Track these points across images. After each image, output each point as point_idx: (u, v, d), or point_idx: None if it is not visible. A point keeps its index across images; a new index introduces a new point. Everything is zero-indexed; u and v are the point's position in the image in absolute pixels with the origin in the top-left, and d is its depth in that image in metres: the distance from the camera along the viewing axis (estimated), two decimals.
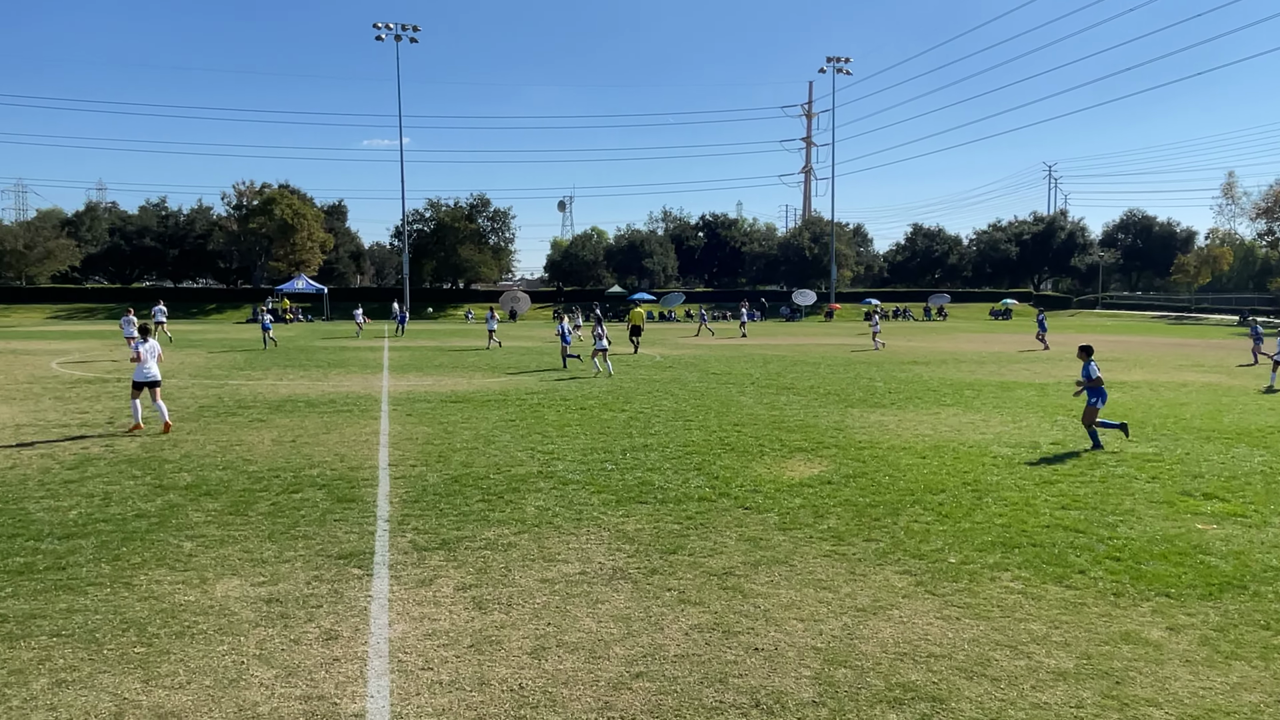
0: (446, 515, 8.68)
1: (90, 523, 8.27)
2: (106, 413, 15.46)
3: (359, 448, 12.30)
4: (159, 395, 13.87)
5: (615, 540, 7.89)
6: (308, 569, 7.06)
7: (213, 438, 12.96)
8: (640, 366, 26.36)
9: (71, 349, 32.75)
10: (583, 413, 15.81)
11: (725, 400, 17.79)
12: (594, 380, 21.80)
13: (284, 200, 79.46)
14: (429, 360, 28.31)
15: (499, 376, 22.85)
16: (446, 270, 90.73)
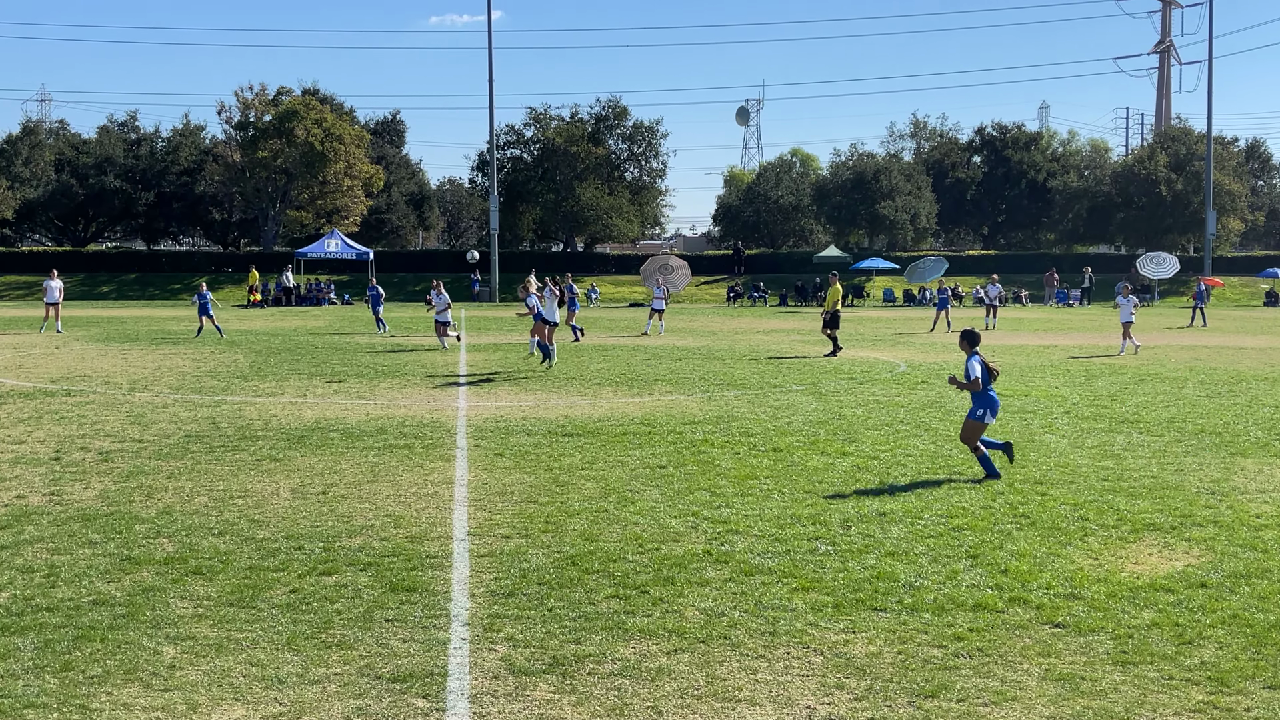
0: (559, 618, 8.82)
1: (29, 612, 8.89)
2: (52, 442, 16.65)
3: (422, 506, 12.69)
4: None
5: (833, 670, 7.80)
6: (346, 696, 7.34)
7: (204, 485, 13.70)
8: (870, 381, 26.09)
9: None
10: (777, 456, 15.77)
11: (1018, 439, 17.34)
12: (794, 405, 21.75)
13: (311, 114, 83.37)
14: (528, 366, 28.99)
15: (640, 394, 23.14)
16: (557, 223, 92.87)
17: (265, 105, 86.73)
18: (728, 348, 36.55)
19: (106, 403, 21.30)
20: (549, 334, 28.66)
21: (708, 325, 49.43)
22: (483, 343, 37.86)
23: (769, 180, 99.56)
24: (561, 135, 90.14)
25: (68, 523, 11.78)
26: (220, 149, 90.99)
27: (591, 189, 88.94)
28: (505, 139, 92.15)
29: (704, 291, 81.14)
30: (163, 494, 13.23)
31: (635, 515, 12.20)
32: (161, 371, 27.30)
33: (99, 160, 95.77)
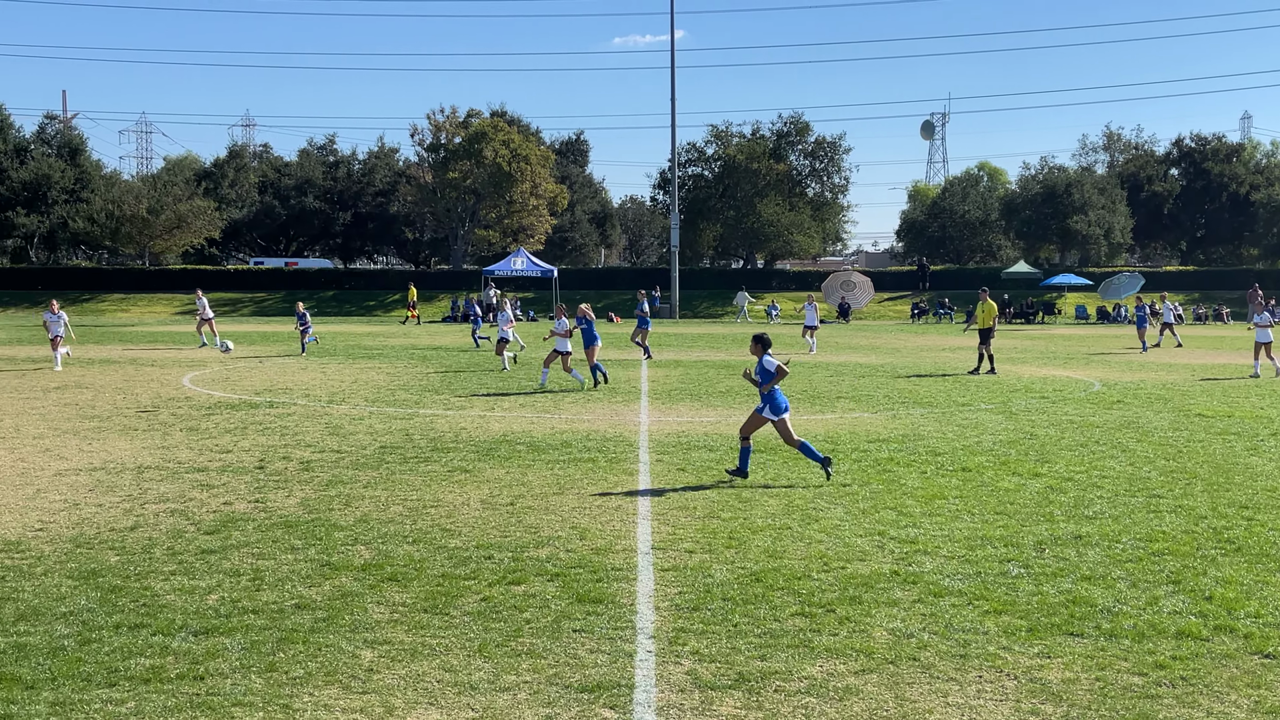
0: (744, 634, 8.80)
1: (236, 614, 9.28)
2: (256, 451, 17.34)
3: (607, 519, 12.83)
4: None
5: (1027, 696, 7.61)
6: (535, 704, 7.45)
7: (399, 495, 14.11)
8: (1062, 400, 25.40)
9: (208, 359, 37.15)
10: (966, 476, 15.48)
11: (1222, 462, 16.66)
12: (983, 424, 21.31)
13: (499, 136, 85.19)
14: (709, 382, 29.04)
15: (823, 411, 22.97)
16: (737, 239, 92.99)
17: (456, 127, 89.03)
18: (912, 365, 36.02)
19: (307, 414, 22.09)
20: (591, 354, 28.33)
21: (891, 342, 48.78)
22: (664, 359, 38.08)
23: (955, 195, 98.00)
24: (743, 152, 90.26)
25: (271, 529, 12.25)
26: (413, 170, 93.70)
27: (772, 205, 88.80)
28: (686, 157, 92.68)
29: (887, 308, 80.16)
30: (360, 502, 13.65)
31: (819, 533, 12.11)
32: (358, 385, 28.18)
33: (299, 182, 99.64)
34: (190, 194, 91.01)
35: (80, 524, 12.46)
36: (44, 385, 27.24)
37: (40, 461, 16.50)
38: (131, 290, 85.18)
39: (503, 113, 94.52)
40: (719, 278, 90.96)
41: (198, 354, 38.97)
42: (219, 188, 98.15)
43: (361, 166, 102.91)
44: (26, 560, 10.90)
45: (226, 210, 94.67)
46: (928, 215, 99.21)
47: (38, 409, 22.61)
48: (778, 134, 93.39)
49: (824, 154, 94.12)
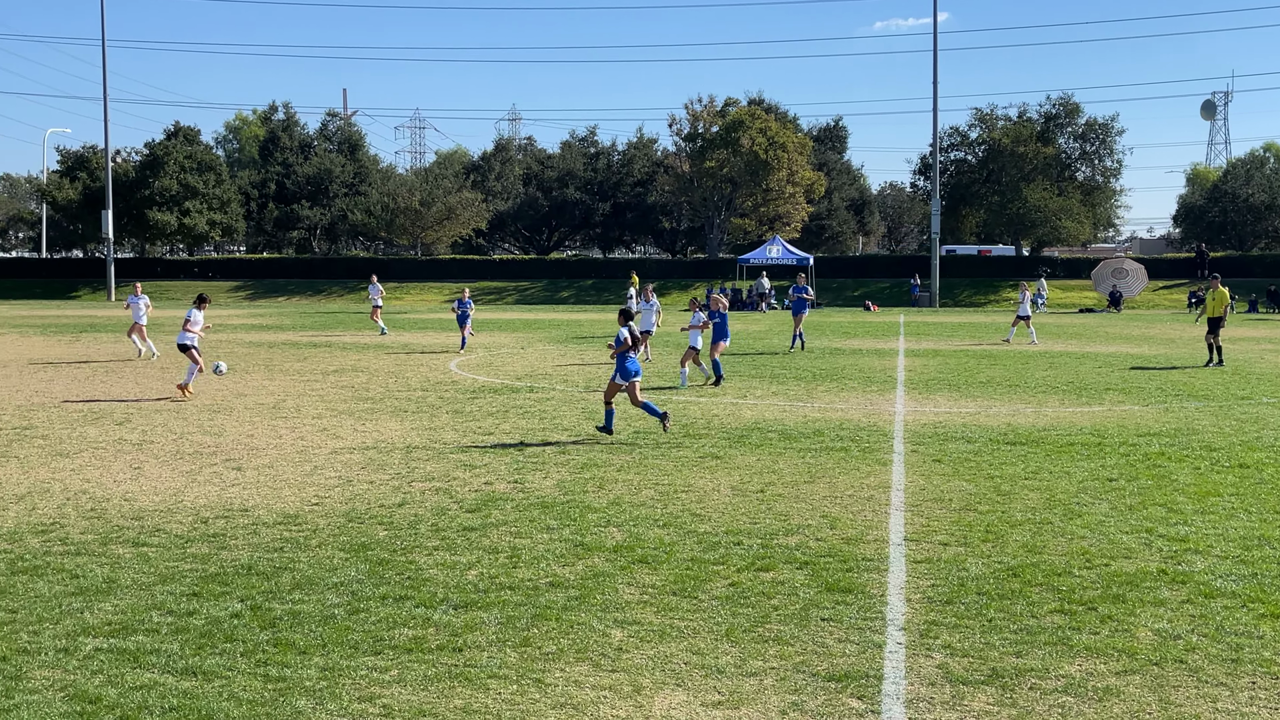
0: (999, 630, 8.58)
1: (493, 589, 9.59)
2: (516, 434, 17.87)
3: (858, 509, 12.70)
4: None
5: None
6: (782, 691, 7.44)
7: (650, 479, 14.30)
8: None
9: (474, 345, 38.47)
10: (1244, 473, 14.68)
11: None
12: (1265, 418, 20.14)
13: (756, 123, 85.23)
14: (969, 372, 28.35)
15: (1088, 404, 22.14)
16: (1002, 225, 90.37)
17: (713, 116, 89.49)
18: (1188, 356, 34.32)
19: (564, 400, 22.62)
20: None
21: (1165, 333, 46.56)
22: (921, 348, 37.38)
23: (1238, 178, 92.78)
24: (1008, 135, 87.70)
25: (528, 509, 12.60)
26: (670, 160, 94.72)
27: (1039, 190, 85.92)
28: (948, 141, 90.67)
29: (1161, 297, 76.55)
30: (613, 485, 13.90)
31: (1082, 529, 11.68)
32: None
33: (561, 173, 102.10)
34: (459, 186, 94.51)
35: (352, 500, 13.11)
36: (323, 368, 28.72)
37: (318, 440, 17.41)
38: (404, 279, 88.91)
39: (760, 100, 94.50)
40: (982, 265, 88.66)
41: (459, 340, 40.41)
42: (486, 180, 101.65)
43: (621, 157, 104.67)
44: (303, 533, 11.53)
45: (493, 202, 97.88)
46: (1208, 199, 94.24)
47: (317, 391, 23.87)
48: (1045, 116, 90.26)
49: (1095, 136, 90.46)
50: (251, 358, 32.15)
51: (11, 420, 19.38)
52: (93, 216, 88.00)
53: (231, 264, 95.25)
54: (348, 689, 7.39)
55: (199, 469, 15.02)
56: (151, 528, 11.70)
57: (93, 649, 8.08)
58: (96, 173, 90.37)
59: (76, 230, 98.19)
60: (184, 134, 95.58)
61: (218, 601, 9.18)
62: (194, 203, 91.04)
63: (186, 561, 10.42)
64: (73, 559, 10.48)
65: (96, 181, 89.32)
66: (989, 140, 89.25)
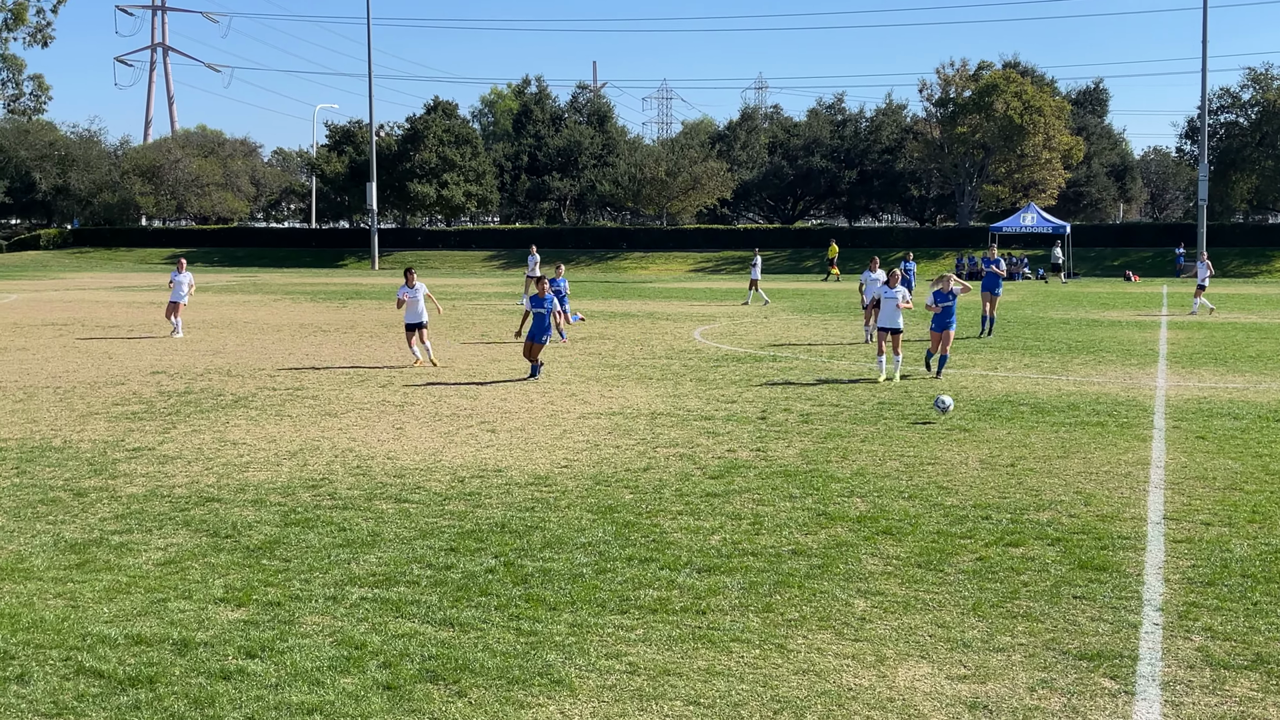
0: (1265, 614, 8.18)
1: (736, 555, 9.67)
2: (759, 403, 17.91)
3: (1114, 485, 12.27)
4: (425, 336, 22.74)
5: None
6: (1030, 667, 7.28)
7: (895, 450, 14.14)
8: None
9: (716, 314, 38.67)
10: None
11: None
12: None
13: (1011, 87, 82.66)
14: (1237, 346, 26.93)
15: None
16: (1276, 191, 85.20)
17: (965, 81, 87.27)
18: None
19: (807, 368, 22.54)
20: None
21: None
22: (1185, 320, 35.68)
23: None
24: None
25: (771, 477, 12.63)
26: (920, 126, 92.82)
27: None
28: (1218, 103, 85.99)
29: None
30: (857, 456, 13.80)
31: None
32: (857, 343, 28.37)
33: (807, 142, 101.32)
34: (705, 156, 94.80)
35: (600, 463, 13.40)
36: (572, 335, 29.36)
37: (566, 405, 17.84)
38: (650, 249, 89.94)
39: (1015, 63, 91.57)
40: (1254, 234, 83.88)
41: (707, 309, 40.63)
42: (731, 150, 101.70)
43: (869, 124, 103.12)
44: (553, 493, 11.87)
45: (738, 171, 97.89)
46: None
47: (566, 357, 24.43)
48: None
49: None
50: (505, 324, 33.11)
51: (285, 381, 20.52)
52: (358, 189, 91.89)
53: (486, 234, 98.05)
54: (595, 645, 7.59)
55: (456, 430, 15.60)
56: (412, 485, 12.24)
57: (358, 598, 8.53)
58: (361, 146, 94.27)
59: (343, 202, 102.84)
60: (443, 108, 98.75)
61: (473, 557, 9.55)
62: (451, 175, 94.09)
63: (444, 518, 10.87)
64: (340, 513, 11.06)
65: (361, 155, 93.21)
66: (1263, 101, 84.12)
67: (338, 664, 7.25)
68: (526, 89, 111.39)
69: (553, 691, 6.86)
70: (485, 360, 23.85)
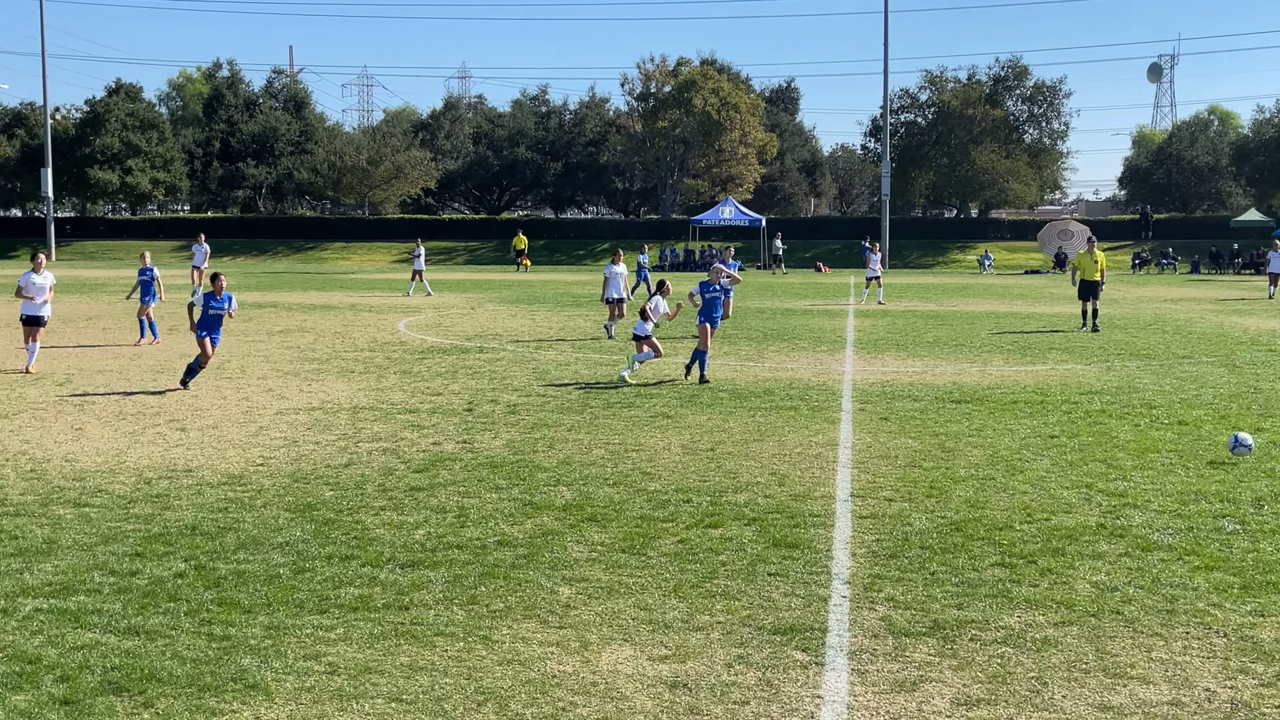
0: (942, 583, 8.70)
1: (441, 548, 9.61)
2: (465, 395, 17.84)
3: (806, 466, 12.81)
4: (38, 336, 20.53)
5: (1237, 654, 7.33)
6: (728, 644, 7.52)
7: (601, 439, 14.34)
8: None
9: (423, 305, 38.30)
10: (1182, 430, 14.93)
11: None
12: (1204, 377, 20.44)
13: (708, 84, 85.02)
14: (917, 332, 28.59)
15: (1033, 363, 22.40)
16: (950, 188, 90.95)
17: (665, 76, 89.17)
18: (1131, 316, 34.80)
19: (515, 359, 22.61)
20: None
21: (1109, 294, 47.05)
22: (870, 309, 37.63)
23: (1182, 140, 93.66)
24: (957, 98, 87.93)
25: (477, 469, 12.61)
26: (622, 120, 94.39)
27: (987, 152, 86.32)
28: (899, 103, 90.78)
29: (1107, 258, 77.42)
30: (563, 445, 13.93)
31: (1024, 484, 11.86)
32: (566, 330, 28.66)
33: (512, 132, 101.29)
34: (408, 145, 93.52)
35: (298, 460, 13.07)
36: (269, 329, 28.49)
37: (263, 401, 17.31)
38: (352, 239, 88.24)
39: (713, 61, 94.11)
40: (931, 227, 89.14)
41: (411, 301, 40.21)
42: (435, 139, 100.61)
43: (573, 117, 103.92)
44: (248, 493, 11.49)
45: (442, 161, 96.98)
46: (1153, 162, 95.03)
47: (262, 351, 23.69)
48: (994, 79, 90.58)
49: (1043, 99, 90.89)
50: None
51: None
52: (31, 175, 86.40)
53: (176, 223, 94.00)
54: (293, 647, 7.40)
55: (142, 430, 14.90)
56: (93, 488, 11.62)
57: (32, 609, 8.04)
58: (35, 130, 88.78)
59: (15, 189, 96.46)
60: (126, 91, 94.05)
61: (161, 561, 9.15)
62: (136, 161, 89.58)
63: (129, 522, 10.37)
64: (11, 520, 10.40)
65: (35, 139, 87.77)
66: (938, 103, 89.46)
67: (9, 680, 6.82)
68: (218, 73, 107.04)
69: (247, 696, 6.65)
70: (175, 355, 22.86)
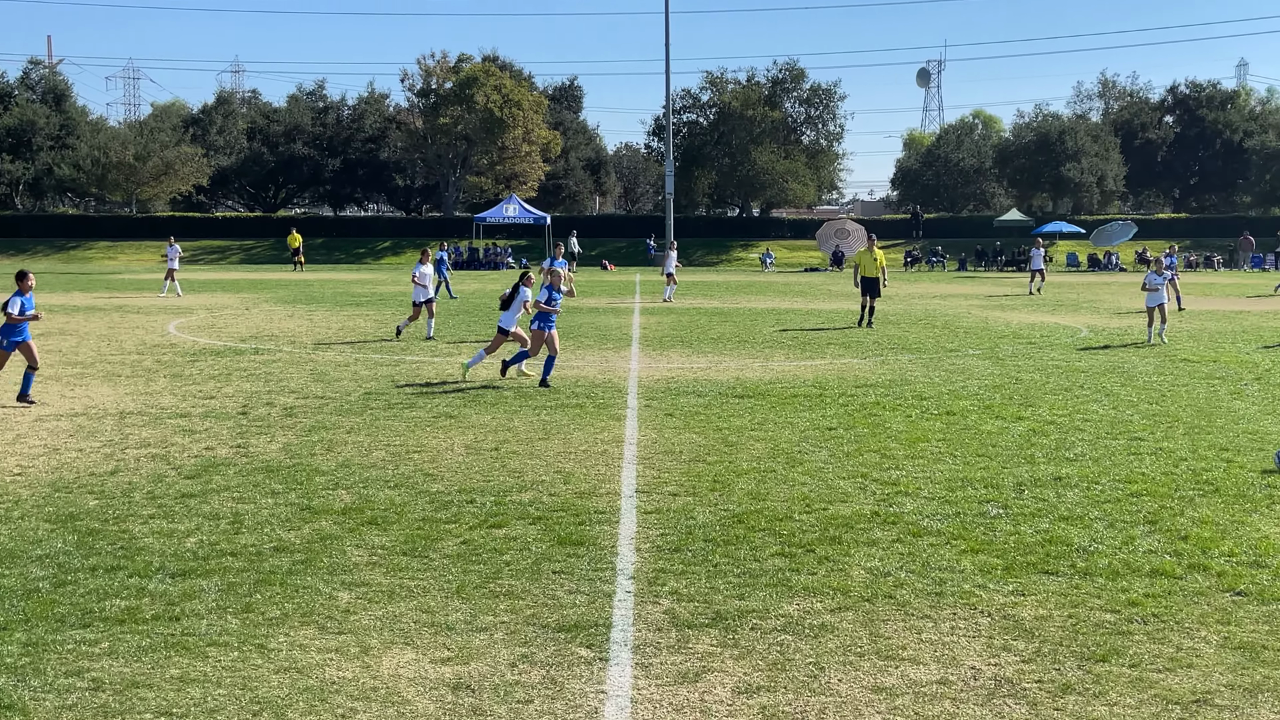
0: (724, 574, 8.84)
1: (214, 556, 9.29)
2: (239, 398, 17.32)
3: (592, 463, 12.84)
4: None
5: (1000, 632, 7.67)
6: (512, 644, 7.47)
7: (381, 440, 14.10)
8: (1049, 346, 25.44)
9: (195, 306, 37.05)
10: (950, 420, 15.53)
11: (1205, 406, 16.74)
12: (970, 369, 21.33)
13: (490, 80, 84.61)
14: (701, 329, 29.04)
15: (812, 358, 23.00)
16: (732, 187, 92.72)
17: (447, 72, 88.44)
18: (903, 312, 36.07)
19: (292, 361, 22.07)
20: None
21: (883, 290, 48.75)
22: (656, 305, 38.04)
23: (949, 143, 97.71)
24: (738, 99, 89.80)
25: (252, 473, 12.25)
26: (403, 116, 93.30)
27: (767, 153, 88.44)
28: (681, 103, 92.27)
29: None
30: (342, 448, 13.65)
31: (803, 476, 12.15)
32: (344, 331, 28.13)
33: (288, 128, 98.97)
34: (178, 141, 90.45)
35: (59, 469, 12.46)
36: None
37: (20, 407, 16.47)
38: (119, 238, 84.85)
39: (495, 58, 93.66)
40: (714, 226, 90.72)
41: (182, 302, 38.88)
42: (207, 134, 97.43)
43: (351, 112, 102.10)
44: (3, 505, 10.90)
45: (214, 157, 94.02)
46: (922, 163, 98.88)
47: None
48: (773, 81, 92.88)
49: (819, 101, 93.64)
50: None
51: None
52: None
53: None
54: (53, 664, 7.05)
55: None
56: None
57: None
58: None
59: None
60: None
61: None
62: None
63: None
64: None
65: None
66: (719, 103, 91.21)
67: None
68: None
69: (2, 717, 6.30)
70: None
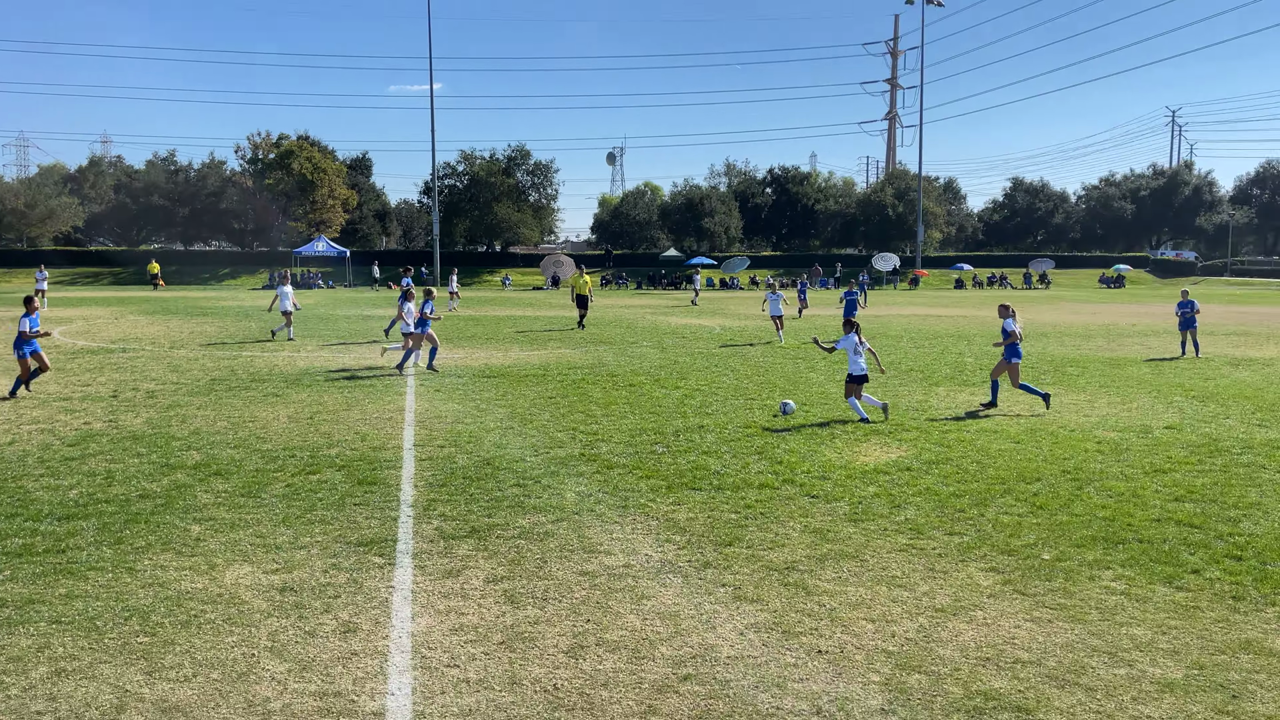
0: (477, 501, 8.81)
1: (92, 503, 8.58)
2: (110, 385, 15.96)
3: (382, 426, 12.53)
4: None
5: (665, 530, 7.94)
6: (325, 556, 7.24)
7: (224, 414, 13.32)
8: (696, 339, 26.34)
9: (74, 316, 33.78)
10: (632, 390, 15.88)
11: (792, 376, 17.70)
12: (645, 355, 21.84)
13: (303, 153, 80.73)
14: (460, 330, 28.64)
15: (539, 349, 23.05)
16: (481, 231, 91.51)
17: (270, 146, 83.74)
18: (601, 318, 36.55)
19: (152, 357, 20.48)
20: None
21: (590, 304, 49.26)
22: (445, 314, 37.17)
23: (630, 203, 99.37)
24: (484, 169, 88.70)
25: (122, 441, 11.35)
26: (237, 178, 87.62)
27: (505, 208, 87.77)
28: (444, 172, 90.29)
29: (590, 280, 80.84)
30: (193, 420, 12.81)
31: (533, 430, 12.19)
32: (194, 335, 26.28)
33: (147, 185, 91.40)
34: (59, 193, 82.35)
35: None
36: None
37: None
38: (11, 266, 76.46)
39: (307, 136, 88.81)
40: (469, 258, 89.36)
41: (64, 313, 35.40)
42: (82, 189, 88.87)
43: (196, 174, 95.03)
44: None
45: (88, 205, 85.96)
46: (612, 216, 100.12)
47: None
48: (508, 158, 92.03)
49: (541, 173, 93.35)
50: None
51: None
52: None
53: None
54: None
55: None
56: None
57: None
58: None
59: None
60: None
61: None
62: None
63: None
64: None
65: None
66: (471, 172, 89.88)
67: None
68: None
69: None
70: None
